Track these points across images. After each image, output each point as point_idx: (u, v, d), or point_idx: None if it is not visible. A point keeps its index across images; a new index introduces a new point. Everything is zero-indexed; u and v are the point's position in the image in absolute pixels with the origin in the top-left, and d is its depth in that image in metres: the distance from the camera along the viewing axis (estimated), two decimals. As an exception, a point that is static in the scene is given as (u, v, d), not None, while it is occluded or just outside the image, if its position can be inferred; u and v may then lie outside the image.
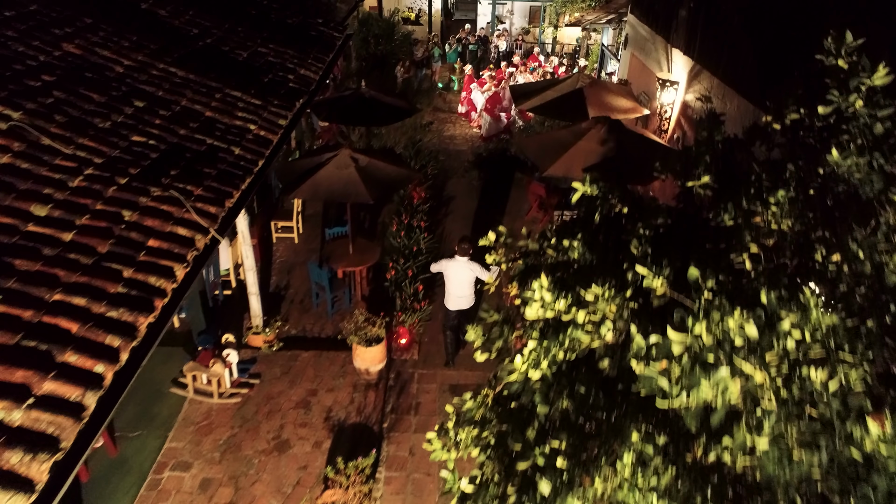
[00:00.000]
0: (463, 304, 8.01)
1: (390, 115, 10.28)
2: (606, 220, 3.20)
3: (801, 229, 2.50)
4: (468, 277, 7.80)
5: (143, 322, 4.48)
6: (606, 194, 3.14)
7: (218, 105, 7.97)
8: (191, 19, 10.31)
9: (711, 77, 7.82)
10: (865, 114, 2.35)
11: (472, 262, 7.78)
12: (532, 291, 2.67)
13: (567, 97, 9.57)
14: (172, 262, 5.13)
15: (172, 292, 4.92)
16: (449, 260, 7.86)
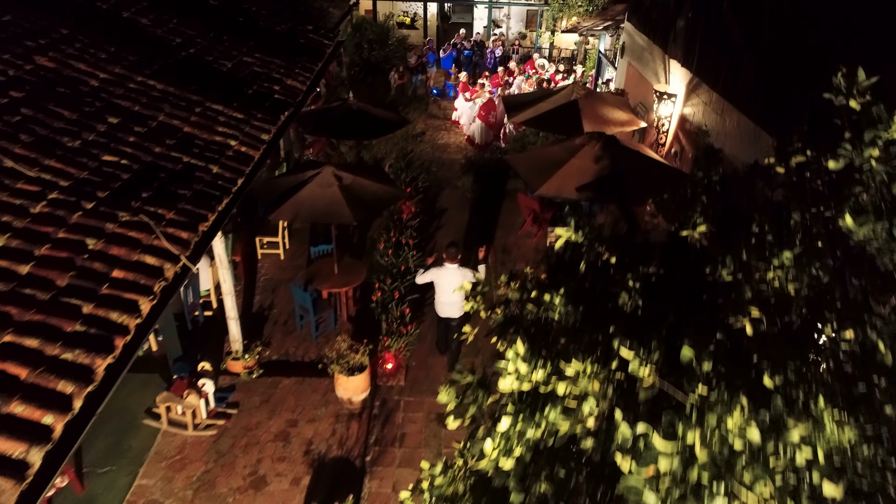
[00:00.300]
0: (454, 311, 7.86)
1: (380, 127, 9.99)
2: (593, 269, 2.91)
3: (809, 295, 2.23)
4: (459, 284, 7.42)
5: (101, 364, 4.20)
6: (593, 242, 2.86)
7: (197, 120, 7.70)
8: (174, 28, 10.04)
9: (710, 91, 7.55)
10: (883, 171, 2.08)
11: (462, 269, 7.69)
12: (506, 362, 2.39)
13: (561, 109, 9.29)
14: (138, 294, 4.85)
15: (136, 329, 4.64)
16: (438, 268, 7.72)
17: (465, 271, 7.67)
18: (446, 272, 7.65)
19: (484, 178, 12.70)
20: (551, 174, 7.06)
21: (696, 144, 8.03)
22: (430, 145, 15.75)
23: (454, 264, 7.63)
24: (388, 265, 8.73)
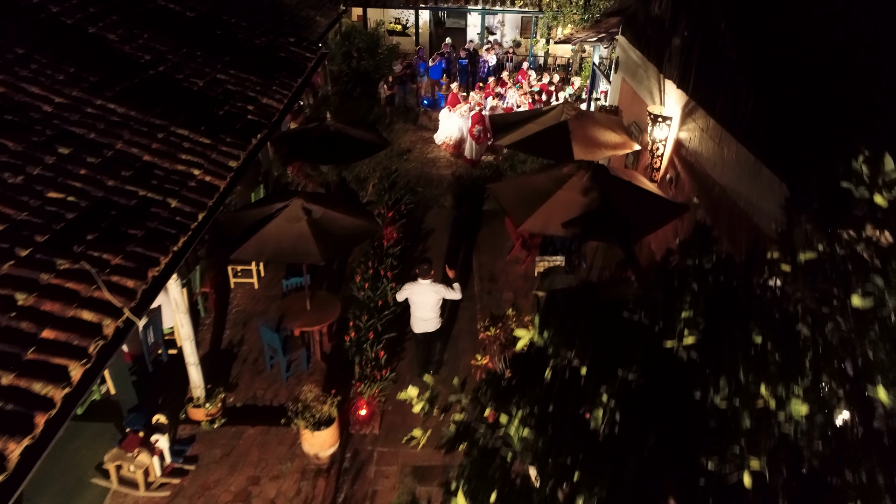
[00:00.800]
0: (429, 326, 7.98)
1: (359, 150, 9.51)
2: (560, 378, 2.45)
3: (825, 453, 1.77)
4: (433, 300, 7.80)
5: (15, 449, 3.73)
6: (559, 348, 2.39)
7: (159, 147, 7.23)
8: (144, 44, 9.58)
9: (707, 116, 7.10)
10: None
11: (435, 284, 7.78)
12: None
13: (550, 132, 8.83)
14: (68, 359, 4.38)
15: (63, 400, 4.17)
16: (412, 284, 7.80)
17: (439, 286, 7.77)
18: (420, 288, 7.73)
19: (472, 198, 12.23)
20: (536, 207, 6.60)
21: (693, 174, 7.58)
22: (419, 160, 15.30)
23: (427, 280, 7.71)
24: (364, 299, 8.26)
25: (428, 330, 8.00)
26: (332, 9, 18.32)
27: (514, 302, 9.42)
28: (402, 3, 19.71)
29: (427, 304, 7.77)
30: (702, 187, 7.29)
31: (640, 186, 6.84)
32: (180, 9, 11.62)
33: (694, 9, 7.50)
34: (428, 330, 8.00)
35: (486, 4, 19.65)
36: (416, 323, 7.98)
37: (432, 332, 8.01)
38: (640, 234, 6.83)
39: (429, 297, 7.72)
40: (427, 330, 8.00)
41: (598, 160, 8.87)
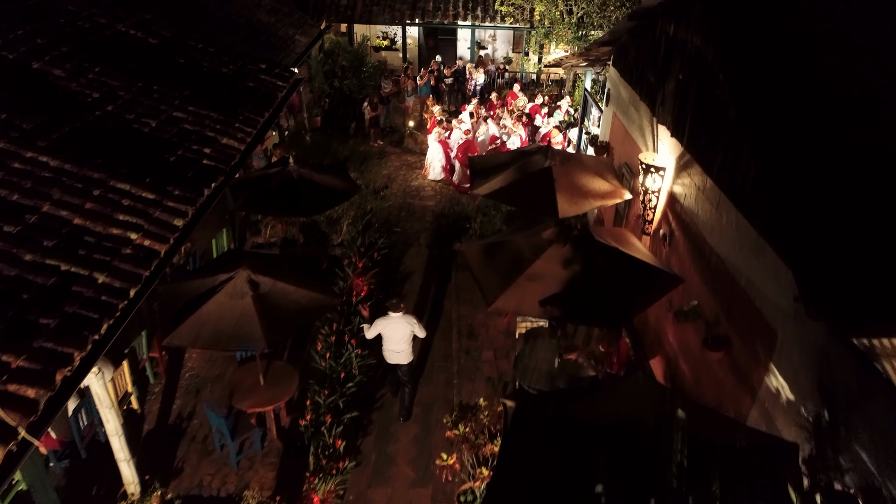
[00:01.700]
0: (401, 358, 8.05)
1: (325, 199, 8.76)
2: None
3: None
4: (404, 333, 7.89)
5: None
6: None
7: (94, 207, 6.53)
8: (94, 79, 8.88)
9: (704, 175, 6.41)
10: None
11: (407, 317, 7.88)
12: None
13: (533, 179, 8.14)
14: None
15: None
16: (384, 318, 7.84)
17: (410, 318, 7.89)
18: (392, 322, 7.82)
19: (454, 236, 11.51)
20: (510, 281, 5.91)
21: (688, 235, 6.89)
22: (402, 187, 14.59)
23: (398, 313, 7.80)
24: (326, 369, 7.54)
25: (401, 362, 8.07)
26: (314, 26, 17.65)
27: (493, 362, 8.75)
28: (389, 19, 19.05)
29: (398, 337, 7.88)
30: (698, 253, 6.61)
31: (629, 254, 6.15)
32: (142, 35, 10.93)
33: (689, 52, 6.83)
34: (401, 362, 8.07)
35: (476, 21, 18.99)
36: (389, 355, 8.06)
37: (405, 363, 8.07)
38: (628, 316, 6.14)
39: (400, 330, 7.83)
40: (400, 362, 8.08)
41: (586, 212, 8.20)
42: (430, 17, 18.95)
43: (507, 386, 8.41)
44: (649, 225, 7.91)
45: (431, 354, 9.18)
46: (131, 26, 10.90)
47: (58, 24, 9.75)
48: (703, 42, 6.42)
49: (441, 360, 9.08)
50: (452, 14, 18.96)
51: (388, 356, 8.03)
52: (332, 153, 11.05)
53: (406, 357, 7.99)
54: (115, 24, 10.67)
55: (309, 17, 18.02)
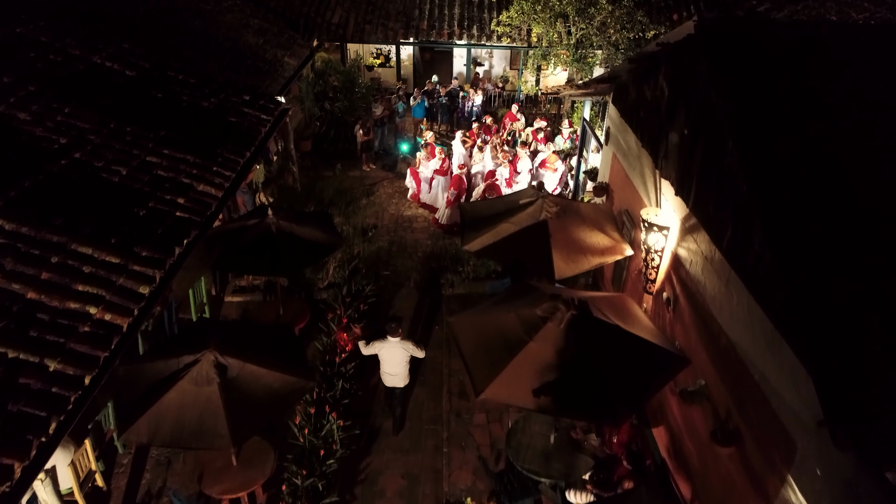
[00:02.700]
0: (398, 381, 8.31)
1: (307, 254, 8.28)
2: None
3: None
4: (401, 357, 8.10)
5: None
6: None
7: (50, 277, 6.08)
8: (63, 122, 8.44)
9: (712, 245, 5.97)
10: None
11: (404, 342, 8.07)
12: None
13: (527, 234, 7.69)
14: None
15: None
16: (381, 341, 8.07)
17: (407, 343, 8.08)
18: (389, 346, 8.02)
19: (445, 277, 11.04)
20: (502, 365, 5.45)
21: (694, 306, 6.44)
22: (393, 219, 14.12)
23: (396, 338, 8.01)
24: (305, 445, 7.07)
25: (397, 385, 8.34)
26: (304, 46, 17.22)
27: (485, 426, 8.30)
28: (382, 38, 18.62)
29: (395, 360, 8.11)
30: (705, 328, 6.16)
31: (632, 333, 5.69)
32: (119, 67, 10.47)
33: (694, 107, 6.39)
34: (397, 385, 8.34)
35: (472, 40, 18.55)
36: (386, 377, 8.33)
37: (402, 386, 8.36)
38: (632, 410, 5.69)
39: (396, 354, 8.04)
40: (396, 385, 8.34)
41: (584, 270, 7.75)
42: (424, 35, 18.52)
43: (499, 456, 7.97)
44: (652, 284, 7.47)
45: (420, 416, 8.73)
46: (107, 58, 10.45)
47: (27, 60, 9.31)
48: (709, 101, 5.98)
49: (430, 422, 8.62)
50: (448, 33, 18.53)
51: (385, 379, 8.31)
52: (317, 196, 10.53)
53: (402, 380, 8.27)
54: (89, 56, 10.23)
55: (299, 36, 17.60)
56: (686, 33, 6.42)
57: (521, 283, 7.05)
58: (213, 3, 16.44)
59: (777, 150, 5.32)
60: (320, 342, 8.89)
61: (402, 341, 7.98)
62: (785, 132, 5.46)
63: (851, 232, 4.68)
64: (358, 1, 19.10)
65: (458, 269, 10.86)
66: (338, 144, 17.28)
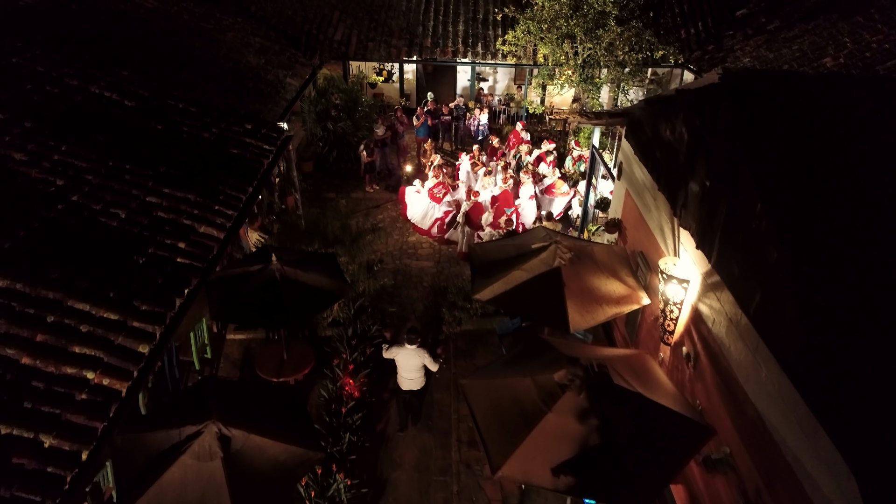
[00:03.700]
0: (414, 385, 8.84)
1: (313, 303, 8.01)
2: None
3: None
4: (416, 363, 8.66)
5: None
6: None
7: (46, 339, 5.87)
8: (59, 161, 8.24)
9: (737, 307, 5.75)
10: None
11: (420, 350, 8.64)
12: None
13: (539, 283, 7.46)
14: None
15: None
16: (399, 347, 8.66)
17: (422, 352, 8.64)
18: (406, 353, 8.59)
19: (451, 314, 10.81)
20: (518, 440, 5.23)
21: (717, 367, 6.22)
22: (398, 245, 13.92)
23: (413, 346, 8.57)
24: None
25: (413, 388, 8.86)
26: (306, 65, 17.00)
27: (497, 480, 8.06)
28: (385, 56, 18.42)
29: (411, 366, 8.65)
30: (729, 394, 5.95)
31: (654, 402, 5.48)
32: (117, 97, 10.28)
33: (716, 159, 6.17)
34: (413, 388, 8.86)
35: (476, 58, 18.36)
36: (402, 381, 8.80)
37: (417, 389, 8.87)
38: (657, 489, 5.46)
39: (412, 361, 8.60)
40: (412, 388, 8.85)
41: (600, 322, 7.53)
42: (428, 53, 18.32)
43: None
44: (669, 336, 7.25)
45: (429, 466, 8.50)
46: (106, 87, 10.25)
47: (24, 92, 9.12)
48: (734, 155, 5.77)
49: (439, 473, 8.38)
50: (452, 50, 18.34)
51: (401, 383, 8.80)
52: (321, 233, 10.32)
53: (418, 384, 8.82)
54: (87, 86, 10.03)
55: (301, 54, 17.39)
56: (709, 82, 6.22)
57: (535, 336, 6.82)
58: (214, 21, 16.25)
59: (809, 216, 5.12)
60: (325, 389, 8.67)
61: (419, 349, 8.55)
62: (816, 195, 5.26)
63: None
64: (360, 17, 18.90)
65: (465, 306, 10.63)
66: (340, 164, 17.07)
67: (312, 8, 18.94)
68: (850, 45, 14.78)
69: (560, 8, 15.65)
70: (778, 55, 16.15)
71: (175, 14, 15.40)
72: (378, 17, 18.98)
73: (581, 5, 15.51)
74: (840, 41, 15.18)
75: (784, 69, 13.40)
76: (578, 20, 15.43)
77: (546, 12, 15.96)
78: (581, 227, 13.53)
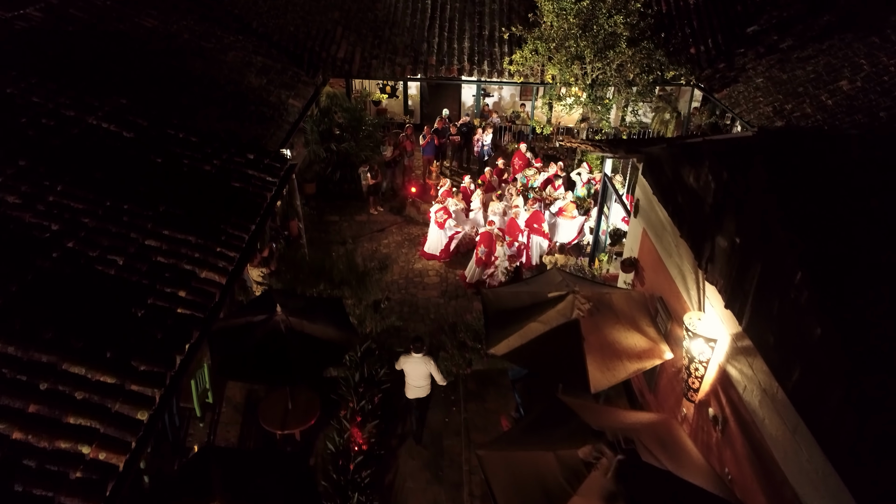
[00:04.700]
0: (420, 392, 9.37)
1: (320, 357, 7.69)
2: None
3: None
4: (423, 372, 9.17)
5: None
6: None
7: (39, 409, 5.60)
8: (54, 203, 7.96)
9: (772, 378, 5.45)
10: None
11: (426, 358, 9.16)
12: None
13: (556, 337, 7.14)
14: None
15: None
16: (406, 356, 9.20)
17: (428, 360, 9.19)
18: (413, 361, 9.14)
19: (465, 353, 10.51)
20: (544, 526, 4.92)
21: (748, 435, 5.92)
22: (403, 272, 13.62)
23: (419, 354, 9.10)
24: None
25: (419, 396, 9.37)
26: (309, 83, 16.72)
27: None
28: (389, 74, 18.12)
29: (417, 374, 9.18)
30: (762, 468, 5.65)
31: (686, 481, 5.18)
32: (115, 128, 10.00)
33: (748, 217, 5.88)
34: (419, 396, 9.37)
35: (482, 76, 18.08)
36: (409, 389, 9.33)
37: (422, 397, 9.40)
38: None
39: (418, 369, 9.12)
40: (418, 396, 9.36)
41: (622, 380, 7.24)
42: (433, 71, 18.02)
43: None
44: (694, 393, 6.96)
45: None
46: (104, 117, 9.97)
47: (18, 126, 8.85)
48: (770, 217, 5.48)
49: (451, 530, 8.12)
50: (457, 68, 18.04)
51: (408, 391, 9.31)
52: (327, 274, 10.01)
53: (424, 391, 9.31)
54: (84, 117, 9.75)
55: (303, 73, 17.11)
56: (740, 136, 5.91)
57: (554, 398, 6.51)
58: (215, 40, 15.97)
59: (855, 288, 4.82)
60: (332, 441, 8.36)
61: (425, 357, 9.08)
62: (862, 265, 4.96)
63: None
64: (364, 34, 18.62)
65: (476, 346, 10.34)
66: (343, 185, 16.81)
67: (315, 24, 18.67)
68: (868, 68, 14.50)
69: (569, 28, 15.38)
70: (792, 76, 15.87)
71: (175, 33, 15.12)
72: (382, 34, 18.70)
73: (591, 25, 15.25)
74: (856, 63, 14.90)
75: (819, 127, 13.04)
76: (588, 41, 15.16)
77: (555, 32, 15.69)
78: (591, 256, 13.26)
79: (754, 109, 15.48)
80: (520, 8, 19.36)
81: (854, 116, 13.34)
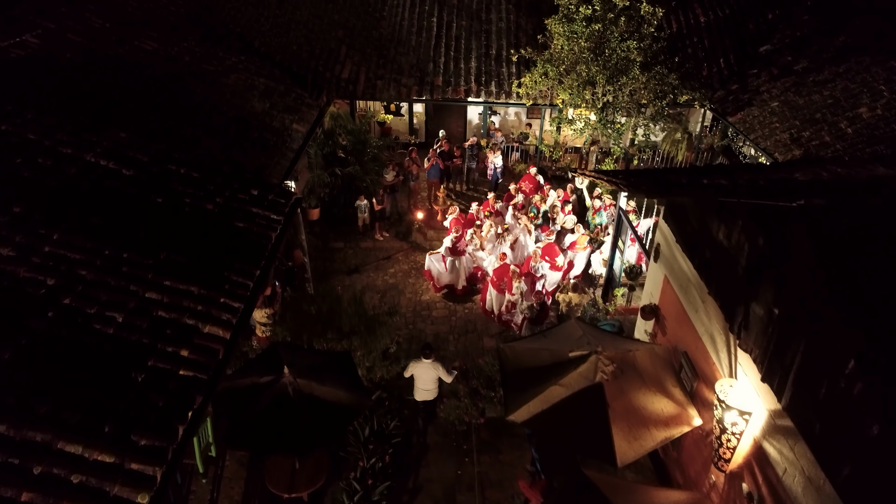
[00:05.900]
0: (428, 395, 9.97)
1: (330, 422, 7.31)
2: None
3: None
4: (432, 376, 9.76)
5: None
6: None
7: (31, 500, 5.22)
8: (50, 254, 7.63)
9: (818, 467, 5.12)
10: None
11: (435, 363, 9.75)
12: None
13: (580, 401, 6.82)
14: None
15: None
16: (416, 362, 9.79)
17: (437, 365, 9.75)
18: (423, 366, 9.72)
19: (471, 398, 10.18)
20: None
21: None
22: (410, 305, 13.28)
23: (429, 360, 9.70)
24: None
25: (427, 399, 9.96)
26: (313, 106, 16.40)
27: None
28: (395, 95, 17.80)
29: (426, 378, 9.76)
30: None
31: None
32: (115, 165, 9.68)
33: (790, 287, 5.55)
34: (427, 399, 9.96)
35: (490, 97, 17.77)
36: (418, 392, 9.91)
37: (430, 400, 9.98)
38: None
39: (428, 373, 9.68)
40: (426, 399, 9.95)
41: (649, 450, 6.90)
42: (439, 93, 17.69)
43: None
44: (724, 463, 6.62)
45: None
46: (102, 154, 9.65)
47: (13, 167, 8.54)
48: (817, 294, 5.15)
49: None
50: (464, 89, 17.73)
51: (417, 394, 9.87)
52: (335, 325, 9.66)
53: (431, 395, 9.91)
54: (82, 155, 9.44)
55: (307, 94, 16.80)
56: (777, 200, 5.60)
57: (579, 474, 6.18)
58: (217, 62, 15.67)
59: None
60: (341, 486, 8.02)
61: (434, 363, 9.62)
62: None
63: None
64: (369, 53, 18.32)
65: (490, 395, 10.00)
66: (348, 210, 16.47)
67: (319, 43, 18.36)
68: (888, 95, 14.21)
69: (580, 51, 15.07)
70: (809, 101, 15.58)
71: (176, 56, 14.82)
72: (387, 53, 18.39)
73: (603, 49, 14.94)
74: (875, 89, 14.62)
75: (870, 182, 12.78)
76: (600, 66, 14.84)
77: (565, 55, 15.38)
78: (605, 292, 12.92)
79: (770, 136, 15.17)
80: (527, 26, 19.08)
81: (875, 147, 13.04)
